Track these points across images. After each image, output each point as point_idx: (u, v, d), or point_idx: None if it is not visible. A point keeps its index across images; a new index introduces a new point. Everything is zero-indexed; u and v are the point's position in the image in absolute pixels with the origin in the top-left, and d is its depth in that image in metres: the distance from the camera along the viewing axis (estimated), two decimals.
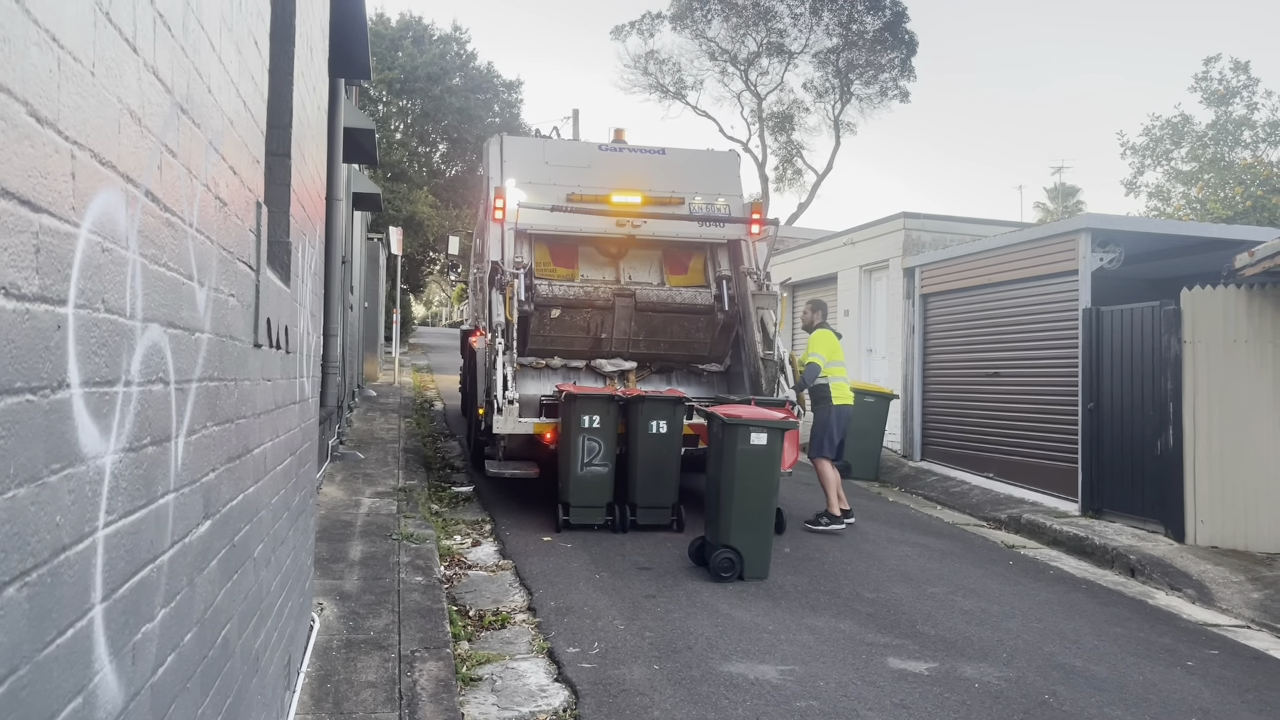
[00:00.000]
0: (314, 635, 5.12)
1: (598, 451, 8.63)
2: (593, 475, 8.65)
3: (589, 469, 8.64)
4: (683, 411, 8.86)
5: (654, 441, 8.70)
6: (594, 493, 8.69)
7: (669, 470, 8.78)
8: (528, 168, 10.61)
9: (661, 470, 8.76)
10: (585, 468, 8.63)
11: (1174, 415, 9.45)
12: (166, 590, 2.03)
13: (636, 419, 8.71)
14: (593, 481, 8.67)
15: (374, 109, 37.00)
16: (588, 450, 8.62)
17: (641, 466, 8.74)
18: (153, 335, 1.88)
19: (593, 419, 8.64)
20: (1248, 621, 7.27)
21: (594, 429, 8.63)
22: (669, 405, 8.79)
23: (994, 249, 12.78)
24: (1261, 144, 24.46)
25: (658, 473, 8.76)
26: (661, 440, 8.71)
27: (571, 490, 8.66)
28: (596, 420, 8.64)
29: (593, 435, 8.62)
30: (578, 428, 8.61)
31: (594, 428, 8.63)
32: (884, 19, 38.31)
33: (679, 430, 8.79)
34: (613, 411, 8.72)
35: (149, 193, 1.82)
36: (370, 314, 20.82)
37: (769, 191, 40.74)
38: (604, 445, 8.64)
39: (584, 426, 8.61)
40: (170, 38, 1.96)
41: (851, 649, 5.91)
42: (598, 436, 8.63)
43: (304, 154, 4.30)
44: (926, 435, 14.48)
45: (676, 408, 8.80)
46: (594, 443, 8.62)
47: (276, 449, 3.63)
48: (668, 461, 8.76)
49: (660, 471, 8.76)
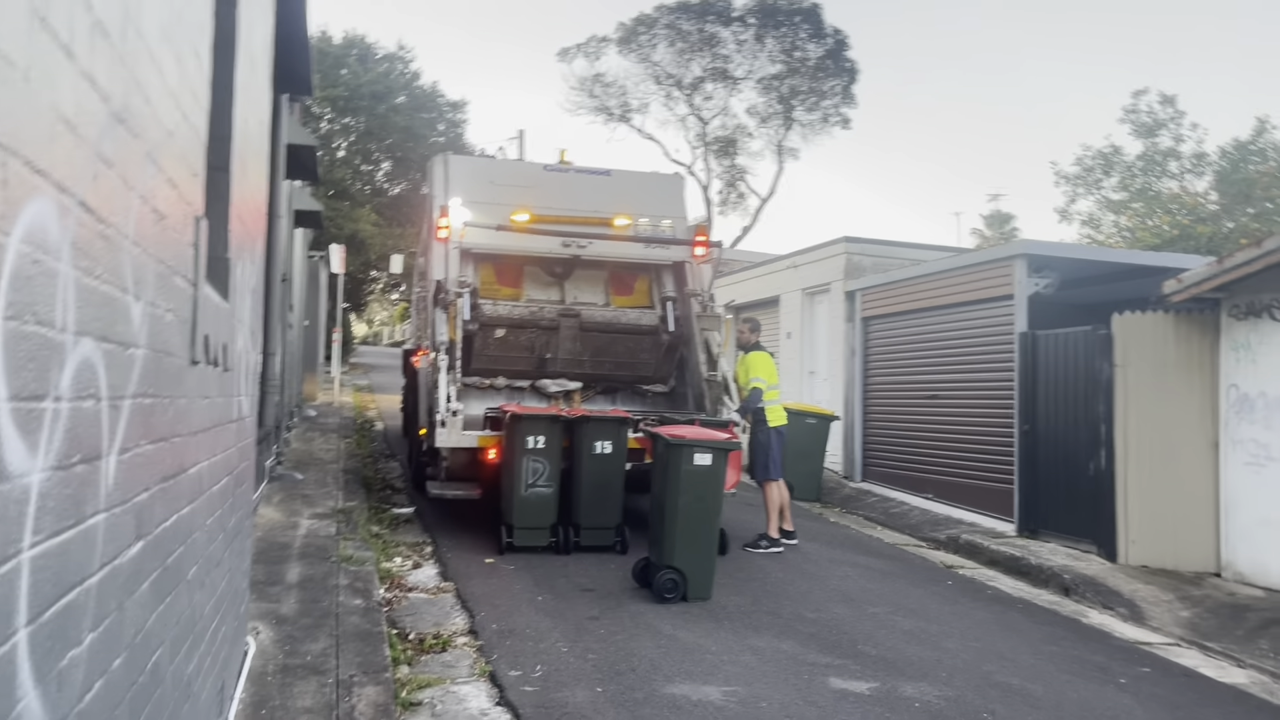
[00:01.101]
0: (249, 660, 5.00)
1: (542, 473, 8.56)
2: (537, 497, 8.58)
3: (533, 490, 8.57)
4: (627, 431, 8.84)
5: (598, 462, 8.66)
6: (538, 514, 8.62)
7: (613, 491, 8.75)
8: (473, 187, 10.55)
9: (606, 491, 8.73)
10: (529, 489, 8.56)
11: (1106, 437, 9.68)
12: (95, 614, 1.97)
13: (581, 440, 8.68)
14: (537, 503, 8.60)
15: (317, 126, 36.59)
16: (531, 471, 8.55)
17: (586, 487, 8.69)
18: (85, 350, 1.82)
19: (537, 440, 8.56)
20: (1177, 640, 7.44)
21: (538, 449, 8.56)
22: (614, 425, 8.76)
23: (933, 274, 13.01)
24: (1187, 174, 25.31)
25: (602, 493, 8.72)
26: (606, 461, 8.68)
27: (515, 512, 8.58)
28: (541, 441, 8.57)
29: (537, 456, 8.55)
30: (522, 449, 8.53)
31: (538, 448, 8.56)
32: (826, 47, 38.94)
33: (623, 451, 8.76)
34: (557, 432, 8.65)
35: (83, 203, 1.78)
36: (310, 332, 20.52)
37: (713, 214, 41.02)
38: (548, 466, 8.58)
39: (528, 447, 8.54)
40: (108, 46, 1.91)
41: (793, 669, 5.92)
42: (542, 457, 8.56)
43: (245, 169, 4.23)
44: (867, 456, 14.64)
45: (621, 428, 8.78)
46: (538, 464, 8.55)
47: (213, 468, 3.55)
48: (612, 482, 8.73)
49: (604, 492, 8.72)
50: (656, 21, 39.37)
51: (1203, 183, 25.03)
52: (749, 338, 10.19)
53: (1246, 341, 8.97)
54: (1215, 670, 6.71)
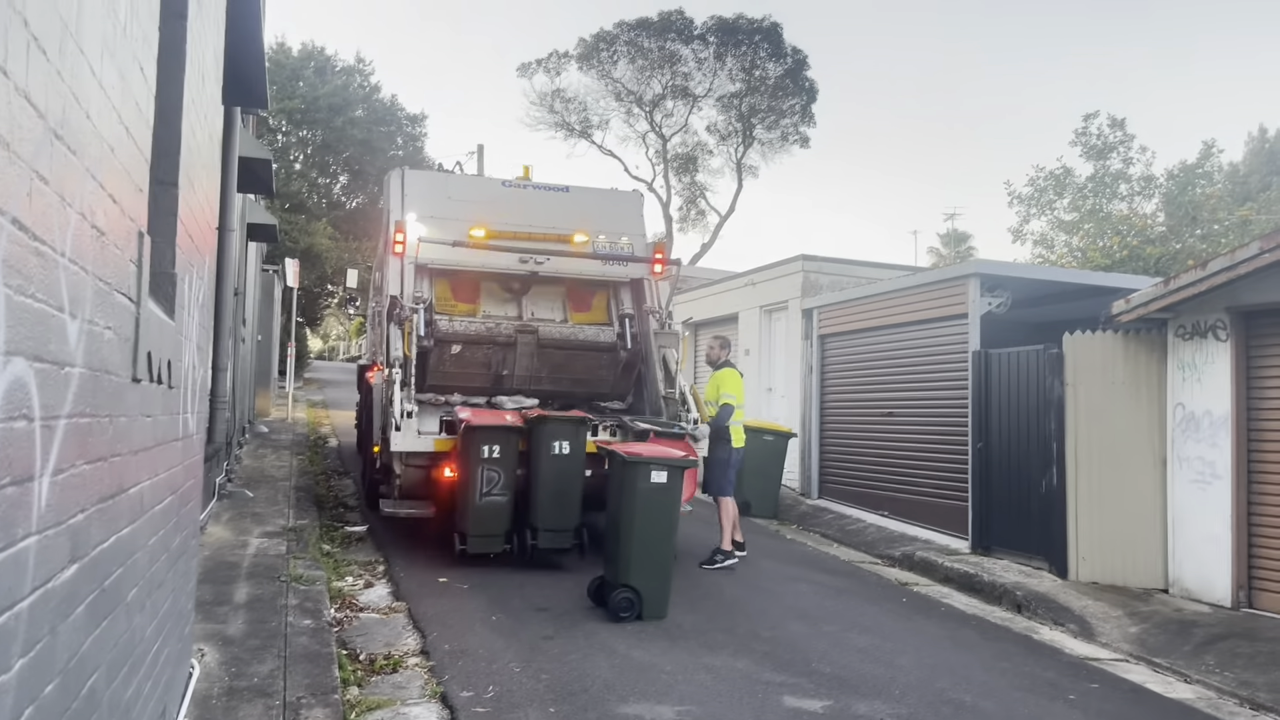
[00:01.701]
0: (193, 683, 4.90)
1: (497, 481, 8.47)
2: (491, 505, 8.48)
3: (488, 499, 8.47)
4: (585, 433, 8.78)
5: (557, 463, 8.56)
6: (493, 521, 8.51)
7: (572, 492, 8.64)
8: (430, 202, 10.50)
9: (564, 492, 8.61)
10: (484, 498, 8.46)
11: (1057, 455, 9.82)
12: (26, 639, 1.91)
13: (539, 441, 8.59)
14: (492, 511, 8.49)
15: (273, 139, 36.27)
16: (487, 480, 8.45)
17: (543, 488, 8.57)
18: (16, 369, 1.78)
19: (493, 449, 8.48)
20: (1126, 655, 7.54)
21: (493, 459, 8.47)
22: (572, 426, 8.69)
23: (889, 292, 13.15)
24: (1136, 196, 25.82)
25: (560, 495, 8.61)
26: (564, 461, 8.57)
27: (470, 519, 8.47)
28: (496, 450, 8.48)
29: (492, 465, 8.46)
30: (477, 458, 8.45)
31: (493, 458, 8.47)
32: (785, 66, 39.39)
33: (581, 452, 8.69)
34: (513, 440, 8.58)
35: (16, 220, 1.74)
36: (264, 347, 20.27)
37: (673, 231, 41.25)
38: (504, 475, 8.49)
39: (484, 457, 8.45)
40: (45, 62, 1.88)
41: (748, 688, 5.92)
42: (497, 466, 8.47)
43: (193, 183, 4.17)
44: (824, 473, 14.72)
45: (579, 428, 8.72)
46: (493, 473, 8.46)
47: (156, 488, 3.48)
48: (571, 483, 8.62)
49: (563, 494, 8.61)
50: (617, 38, 39.61)
51: (1151, 204, 25.58)
52: (719, 354, 10.23)
53: (1192, 361, 9.15)
54: (1162, 686, 6.81)
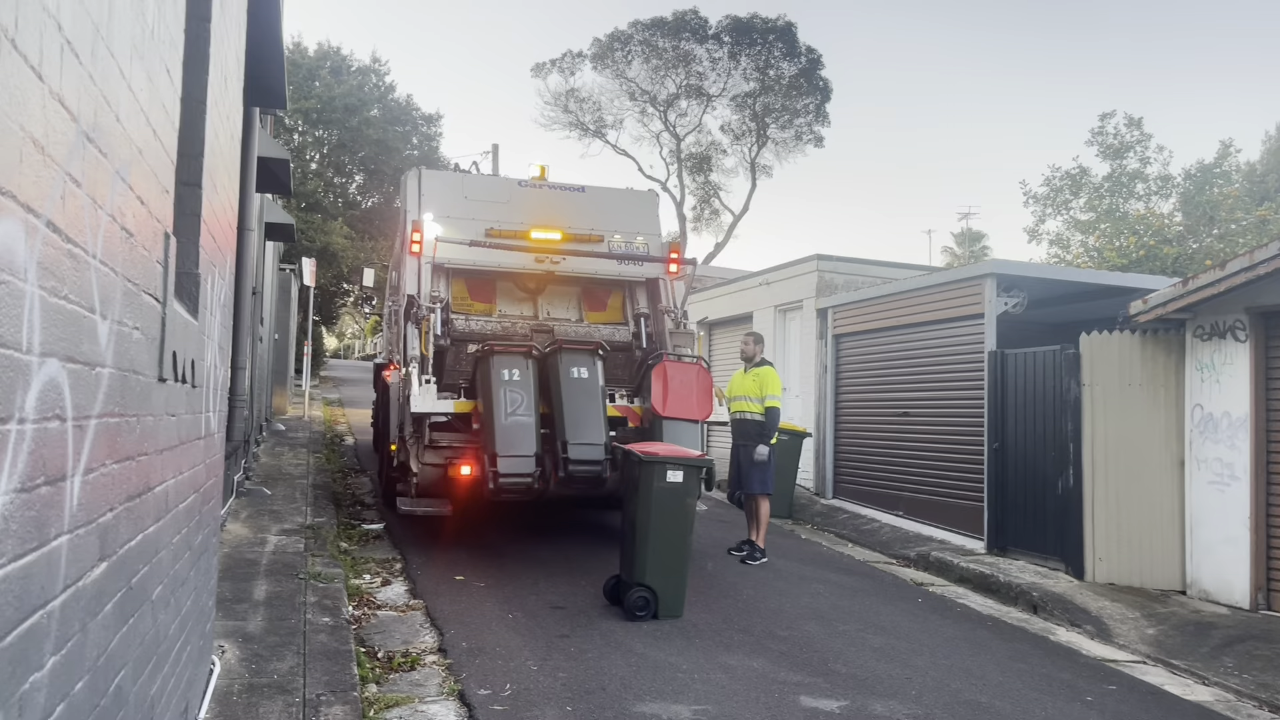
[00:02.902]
0: (214, 679, 4.94)
1: (521, 402, 8.53)
2: (517, 423, 8.46)
3: (513, 418, 8.46)
4: (599, 362, 8.95)
5: (578, 384, 8.69)
6: (520, 439, 8.43)
7: (596, 410, 8.71)
8: (446, 202, 10.53)
9: (589, 409, 8.67)
10: (510, 417, 8.45)
11: (1074, 455, 9.78)
12: (57, 637, 1.94)
13: (558, 368, 8.75)
14: (518, 429, 8.45)
15: (289, 138, 36.43)
16: (510, 402, 8.48)
17: (568, 404, 8.62)
18: (50, 370, 1.81)
19: (512, 372, 8.58)
20: (1144, 657, 7.51)
21: (514, 381, 8.56)
22: (588, 354, 8.89)
23: (904, 292, 13.12)
24: (1153, 196, 25.65)
25: (585, 411, 8.66)
26: (585, 384, 8.72)
27: (498, 439, 8.34)
28: (516, 374, 8.60)
29: (514, 388, 8.54)
30: (498, 382, 8.52)
31: (514, 380, 8.56)
32: (800, 65, 39.31)
33: (599, 379, 8.85)
34: (530, 366, 8.72)
35: (50, 223, 1.76)
36: (281, 346, 20.37)
37: (687, 231, 41.24)
38: (526, 397, 8.56)
39: (504, 379, 8.54)
40: (78, 65, 1.91)
41: (764, 688, 5.93)
42: (519, 389, 8.55)
43: (216, 184, 4.21)
44: (839, 473, 14.70)
45: (594, 356, 8.92)
46: (516, 395, 8.52)
47: (179, 486, 3.51)
48: (593, 402, 8.71)
49: (587, 410, 8.67)
50: (631, 38, 39.61)
51: (1168, 204, 25.42)
52: (754, 350, 10.25)
53: (1210, 362, 9.11)
54: (1180, 688, 6.78)
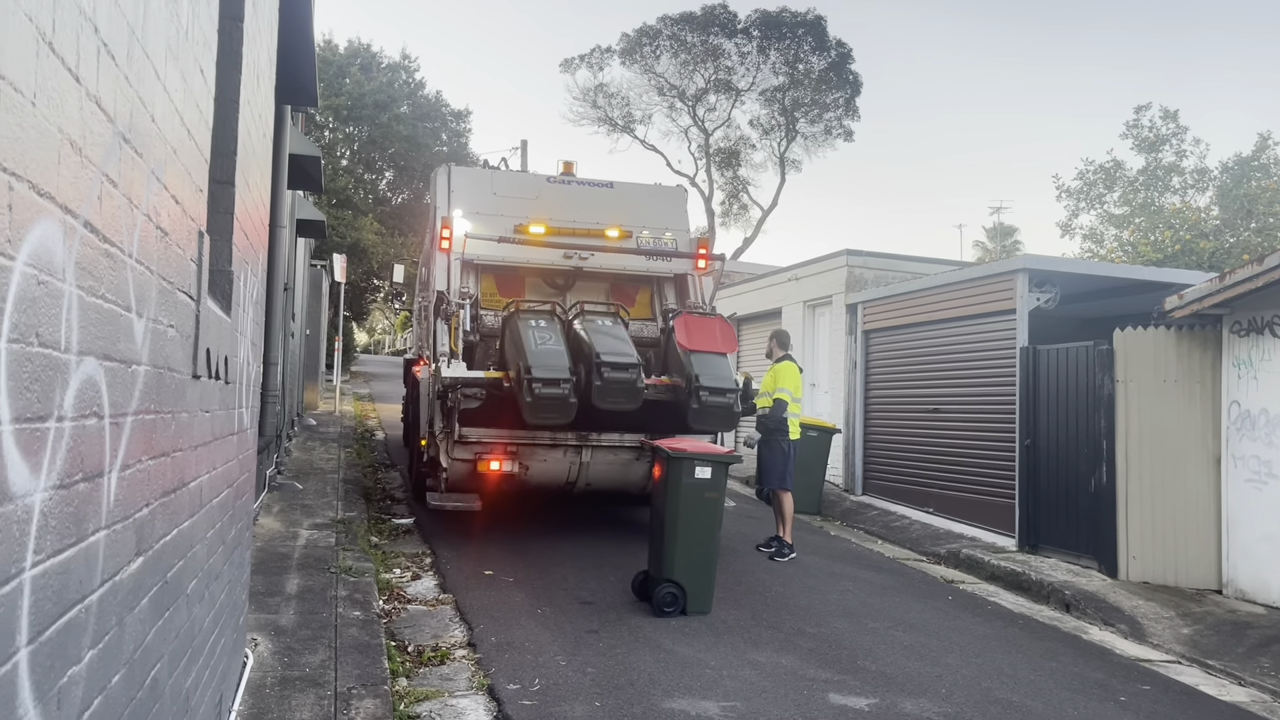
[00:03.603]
0: (247, 672, 4.99)
1: (549, 337, 8.81)
2: (547, 349, 8.70)
3: (544, 346, 8.71)
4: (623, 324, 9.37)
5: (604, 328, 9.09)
6: (553, 360, 8.65)
7: (624, 339, 8.98)
8: (475, 198, 10.58)
9: (618, 338, 8.98)
10: (540, 345, 8.69)
11: (1107, 453, 9.67)
12: (95, 631, 1.97)
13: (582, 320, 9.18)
14: (549, 352, 8.68)
15: (320, 135, 36.68)
16: (539, 338, 8.77)
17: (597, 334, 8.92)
18: (88, 369, 1.83)
19: (539, 321, 9.02)
20: (1178, 657, 7.42)
21: (541, 326, 8.93)
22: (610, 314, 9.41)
23: (934, 287, 13.02)
24: (1189, 190, 25.32)
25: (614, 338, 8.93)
26: (610, 329, 9.09)
27: (531, 360, 8.55)
28: (543, 322, 9.01)
29: (540, 330, 8.89)
30: (526, 327, 8.88)
31: (541, 326, 8.94)
32: (829, 59, 39.08)
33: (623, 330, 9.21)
34: (555, 321, 9.09)
35: (88, 224, 1.79)
36: (312, 341, 20.54)
37: (715, 226, 41.13)
38: (553, 334, 8.85)
39: (531, 325, 8.92)
40: (114, 67, 1.93)
41: (793, 685, 5.91)
42: (546, 330, 8.89)
43: (248, 182, 4.25)
44: (868, 470, 14.63)
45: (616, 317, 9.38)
46: (545, 333, 8.85)
47: (213, 481, 3.56)
48: (621, 339, 9.00)
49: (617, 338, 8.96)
50: (660, 33, 39.54)
51: (1204, 198, 25.06)
52: (770, 348, 10.26)
53: (1248, 358, 8.97)
54: (1216, 688, 6.69)
